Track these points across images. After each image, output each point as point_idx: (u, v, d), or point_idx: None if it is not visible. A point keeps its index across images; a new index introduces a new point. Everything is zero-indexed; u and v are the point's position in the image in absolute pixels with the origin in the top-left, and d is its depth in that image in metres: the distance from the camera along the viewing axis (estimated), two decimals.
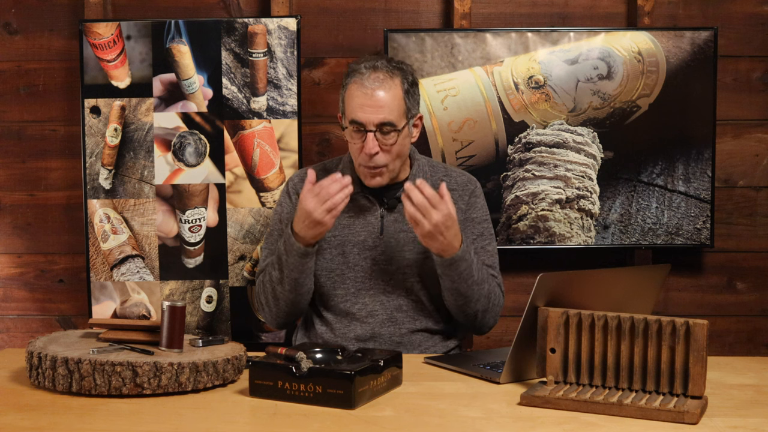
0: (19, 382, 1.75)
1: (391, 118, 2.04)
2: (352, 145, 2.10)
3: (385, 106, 2.04)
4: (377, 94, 2.04)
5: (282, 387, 1.61)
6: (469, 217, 2.20)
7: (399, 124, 2.06)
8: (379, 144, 2.05)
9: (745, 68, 2.89)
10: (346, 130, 2.10)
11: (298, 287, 2.09)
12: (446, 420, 1.54)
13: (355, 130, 2.06)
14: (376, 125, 2.04)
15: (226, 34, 2.73)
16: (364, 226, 2.16)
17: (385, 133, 2.05)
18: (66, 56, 2.87)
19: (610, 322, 1.62)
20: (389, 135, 2.05)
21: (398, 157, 2.10)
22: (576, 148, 2.78)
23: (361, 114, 2.04)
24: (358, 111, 2.04)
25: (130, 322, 1.89)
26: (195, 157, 2.75)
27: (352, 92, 2.07)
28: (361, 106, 2.04)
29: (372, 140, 2.04)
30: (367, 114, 2.04)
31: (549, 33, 2.77)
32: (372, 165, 2.06)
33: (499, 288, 2.17)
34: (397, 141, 2.06)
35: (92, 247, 2.75)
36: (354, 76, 2.07)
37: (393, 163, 2.09)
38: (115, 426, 1.49)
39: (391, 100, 2.05)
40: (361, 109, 2.04)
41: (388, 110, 2.04)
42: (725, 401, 1.65)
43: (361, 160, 2.08)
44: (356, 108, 2.05)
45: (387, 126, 2.04)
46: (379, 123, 2.04)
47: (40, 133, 2.90)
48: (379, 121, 2.03)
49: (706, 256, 2.93)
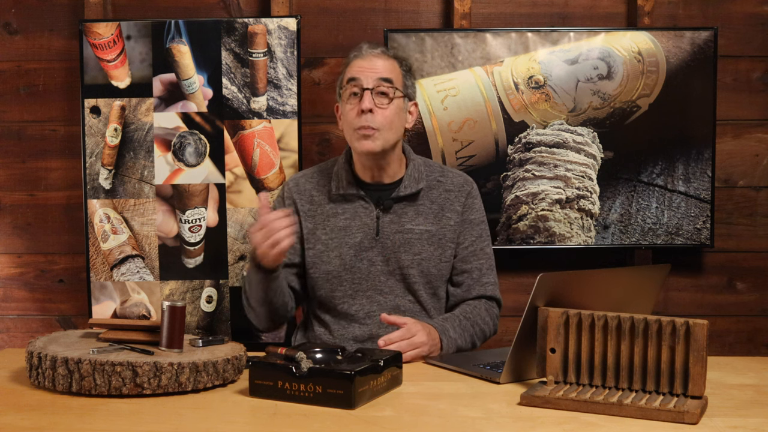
0: (19, 382, 1.75)
1: (389, 76, 2.11)
2: (348, 113, 2.12)
3: (383, 69, 2.12)
4: (376, 60, 2.13)
5: (282, 387, 1.61)
6: (467, 219, 2.20)
7: (396, 84, 2.12)
8: (375, 104, 2.09)
9: (745, 68, 2.89)
10: (342, 95, 2.14)
11: (266, 303, 2.12)
12: (446, 420, 1.54)
13: (352, 91, 2.11)
14: (374, 83, 2.09)
15: (226, 34, 2.73)
16: (360, 228, 2.16)
17: (381, 94, 2.10)
18: (66, 56, 2.87)
19: (610, 322, 1.62)
20: (384, 97, 2.10)
21: (391, 127, 2.11)
22: (576, 148, 2.78)
23: (359, 73, 2.11)
24: (357, 72, 2.12)
25: (130, 322, 1.89)
26: (195, 157, 2.75)
27: (351, 64, 2.15)
28: (361, 68, 2.12)
29: (368, 97, 2.09)
30: (365, 73, 2.11)
31: (549, 33, 2.77)
32: (366, 124, 2.08)
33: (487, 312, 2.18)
34: (392, 105, 2.10)
35: (92, 247, 2.75)
36: (354, 52, 2.17)
37: (386, 131, 2.10)
38: (115, 426, 1.49)
39: (390, 67, 2.13)
40: (360, 70, 2.12)
41: (386, 71, 2.12)
42: (725, 401, 1.65)
43: (355, 122, 2.10)
44: (355, 70, 2.12)
45: (385, 83, 2.09)
46: (377, 79, 2.09)
47: (40, 133, 2.90)
48: (377, 76, 2.10)
49: (706, 256, 2.93)
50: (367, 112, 2.07)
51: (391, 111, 2.10)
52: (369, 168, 2.16)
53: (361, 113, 2.08)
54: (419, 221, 2.16)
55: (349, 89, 2.11)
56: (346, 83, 2.12)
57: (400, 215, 2.16)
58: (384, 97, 2.10)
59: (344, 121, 2.14)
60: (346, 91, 2.12)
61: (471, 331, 2.11)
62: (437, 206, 2.18)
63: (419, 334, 1.97)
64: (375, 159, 2.13)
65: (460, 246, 2.19)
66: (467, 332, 2.09)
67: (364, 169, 2.18)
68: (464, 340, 2.08)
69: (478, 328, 2.13)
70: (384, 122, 2.09)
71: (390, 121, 2.10)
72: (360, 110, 2.08)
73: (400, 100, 2.13)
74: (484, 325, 2.15)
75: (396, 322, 1.99)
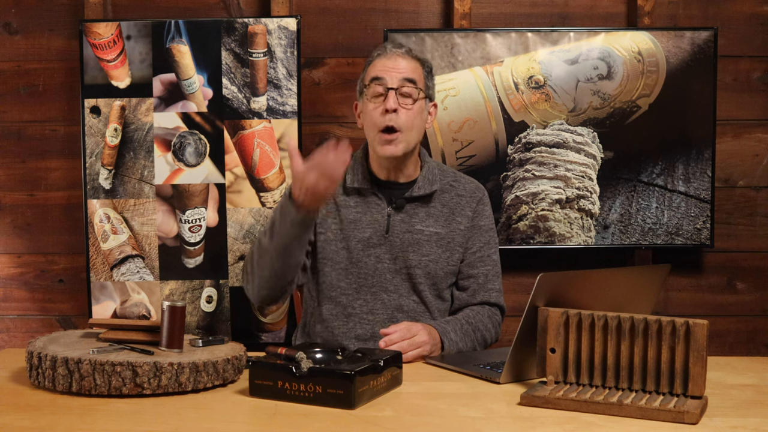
0: (19, 382, 1.75)
1: (413, 76, 2.12)
2: (371, 112, 2.12)
3: (407, 69, 2.12)
4: (400, 60, 2.13)
5: (282, 387, 1.61)
6: (476, 225, 2.21)
7: (419, 84, 2.13)
8: (399, 104, 2.09)
9: (745, 68, 2.89)
10: (366, 94, 2.13)
11: (285, 255, 2.03)
12: (446, 420, 1.54)
13: (376, 91, 2.11)
14: (398, 83, 2.10)
15: (226, 34, 2.73)
16: (370, 224, 2.16)
17: (405, 95, 2.10)
18: (66, 56, 2.87)
19: (610, 322, 1.62)
20: (409, 97, 2.11)
21: (414, 129, 2.12)
22: (576, 148, 2.78)
23: (383, 73, 2.12)
24: (381, 71, 2.12)
25: (130, 322, 1.89)
26: (195, 157, 2.75)
27: (375, 63, 2.15)
28: (384, 67, 2.12)
29: (393, 97, 2.09)
30: (390, 73, 2.11)
31: (549, 33, 2.77)
32: (390, 124, 2.09)
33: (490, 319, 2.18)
34: (415, 106, 2.11)
35: (92, 247, 2.75)
36: (378, 51, 2.17)
37: (408, 133, 2.11)
38: (115, 426, 1.49)
39: (413, 68, 2.14)
40: (384, 69, 2.12)
41: (410, 71, 2.12)
42: (725, 401, 1.65)
43: (379, 122, 2.10)
44: (379, 69, 2.13)
45: (409, 84, 2.10)
46: (401, 79, 2.10)
47: (40, 133, 2.90)
48: (402, 76, 2.10)
49: (706, 256, 2.93)
50: (391, 111, 2.08)
51: (415, 111, 2.11)
52: (386, 167, 2.17)
53: (385, 113, 2.09)
54: (429, 223, 2.16)
55: (372, 88, 2.12)
56: (370, 82, 2.12)
57: (411, 215, 2.16)
58: (408, 97, 2.11)
59: (366, 120, 2.14)
60: (370, 90, 2.12)
61: (472, 336, 2.11)
62: (448, 210, 2.19)
63: (420, 334, 1.97)
64: (394, 160, 2.14)
65: (468, 251, 2.20)
66: (468, 337, 2.09)
67: (380, 167, 2.18)
68: (465, 344, 2.08)
69: (480, 333, 2.13)
70: (408, 122, 2.10)
71: (413, 121, 2.11)
72: (385, 110, 2.09)
73: (423, 101, 2.14)
74: (485, 331, 2.15)
75: (390, 330, 1.98)
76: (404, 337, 1.95)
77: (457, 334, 2.06)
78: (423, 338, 1.97)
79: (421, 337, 1.97)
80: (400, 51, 2.14)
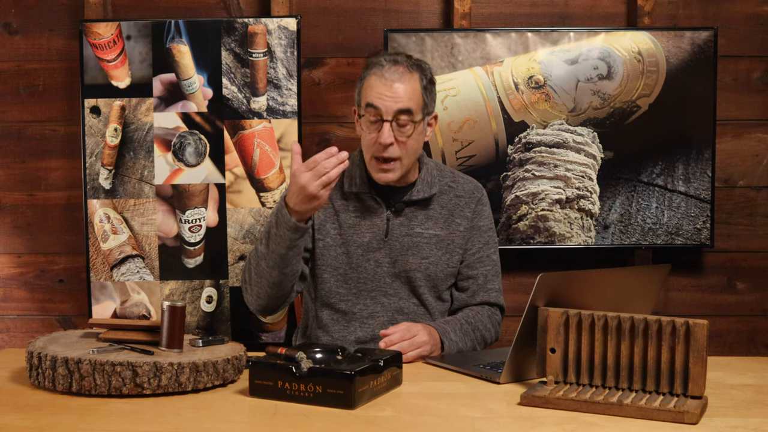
0: (19, 382, 1.75)
1: (409, 105, 2.04)
2: (366, 136, 2.08)
3: (404, 96, 2.04)
4: (396, 85, 2.05)
5: (282, 387, 1.61)
6: (476, 225, 2.20)
7: (416, 114, 2.06)
8: (395, 135, 2.05)
9: (745, 68, 2.89)
10: (361, 119, 2.09)
11: (282, 264, 2.02)
12: (446, 420, 1.54)
13: (371, 119, 2.06)
14: (394, 113, 2.04)
15: (226, 34, 2.73)
16: (369, 228, 2.15)
17: (401, 125, 2.05)
18: (66, 56, 2.87)
19: (610, 322, 1.62)
20: (405, 127, 2.05)
21: (412, 153, 2.09)
22: (576, 148, 2.78)
23: (379, 101, 2.04)
24: (376, 99, 2.05)
25: (130, 322, 1.89)
26: (195, 157, 2.75)
27: (371, 82, 2.07)
28: (380, 95, 2.05)
29: (388, 130, 2.04)
30: (385, 102, 2.04)
31: (549, 33, 2.77)
32: (386, 156, 2.06)
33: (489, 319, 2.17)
34: (413, 135, 2.06)
35: (92, 247, 2.75)
36: (374, 68, 2.08)
37: (406, 158, 2.08)
38: (115, 426, 1.49)
39: (410, 93, 2.05)
40: (379, 97, 2.05)
41: (407, 99, 2.05)
42: (725, 401, 1.65)
43: (374, 151, 2.07)
44: (374, 96, 2.05)
45: (405, 115, 2.04)
46: (397, 110, 2.04)
47: (40, 133, 2.90)
48: (397, 108, 2.04)
49: (706, 256, 2.93)
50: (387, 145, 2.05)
51: (412, 140, 2.07)
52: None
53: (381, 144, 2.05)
54: (429, 225, 2.16)
55: (368, 115, 2.07)
56: (365, 107, 2.07)
57: (410, 218, 2.16)
58: (404, 126, 2.05)
59: (363, 138, 2.11)
60: (365, 118, 2.08)
61: (472, 336, 2.11)
62: (447, 211, 2.18)
63: (420, 334, 1.97)
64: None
65: (468, 252, 2.19)
66: (468, 337, 2.09)
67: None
68: (465, 344, 2.08)
69: (479, 333, 2.13)
70: (404, 153, 2.07)
71: (410, 149, 2.08)
72: (379, 143, 2.05)
73: (421, 124, 2.10)
74: (485, 330, 2.15)
75: (390, 331, 1.98)
76: (404, 338, 1.95)
77: (456, 334, 2.06)
78: (423, 338, 1.97)
79: (421, 337, 1.97)
80: (397, 71, 2.06)
